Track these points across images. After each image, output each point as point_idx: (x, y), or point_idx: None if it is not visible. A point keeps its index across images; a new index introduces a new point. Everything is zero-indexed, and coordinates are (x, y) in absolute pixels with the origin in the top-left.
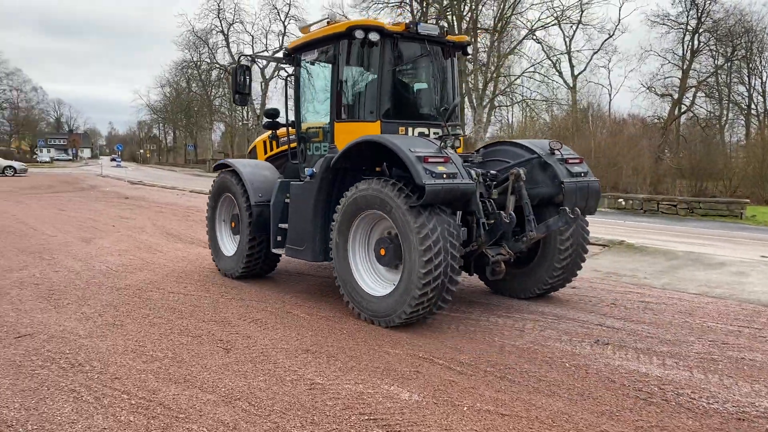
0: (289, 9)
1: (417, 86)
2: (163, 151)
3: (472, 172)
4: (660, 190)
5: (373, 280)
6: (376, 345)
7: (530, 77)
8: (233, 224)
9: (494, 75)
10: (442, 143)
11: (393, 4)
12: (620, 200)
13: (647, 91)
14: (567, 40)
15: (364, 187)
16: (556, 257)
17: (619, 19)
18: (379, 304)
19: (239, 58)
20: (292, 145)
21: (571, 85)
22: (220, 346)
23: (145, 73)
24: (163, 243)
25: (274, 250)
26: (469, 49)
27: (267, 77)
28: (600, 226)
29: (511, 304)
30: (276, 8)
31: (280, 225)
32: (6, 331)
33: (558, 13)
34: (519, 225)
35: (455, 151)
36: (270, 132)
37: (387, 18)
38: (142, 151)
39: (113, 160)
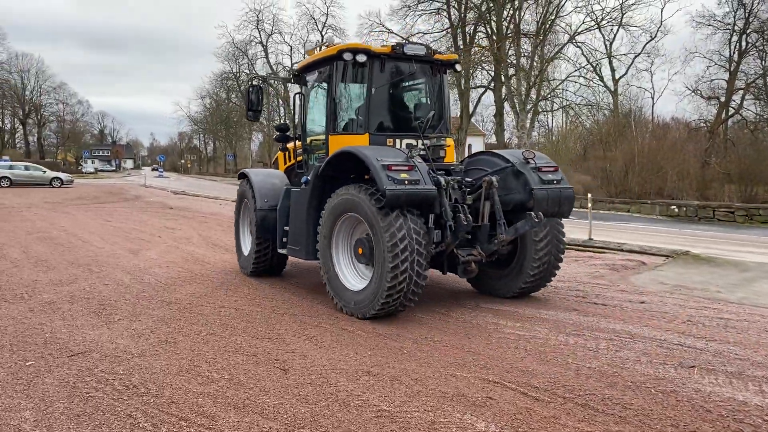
0: (327, 19)
1: (405, 101)
2: (203, 161)
3: (442, 180)
4: (707, 196)
5: (353, 276)
6: (441, 367)
7: (575, 81)
8: (250, 226)
9: (537, 80)
10: (410, 153)
11: (431, 11)
12: (672, 207)
13: (692, 94)
14: (607, 43)
15: (343, 193)
16: (531, 259)
17: (662, 21)
18: (356, 297)
19: (251, 79)
20: (299, 157)
21: (612, 89)
22: (277, 366)
23: (185, 85)
24: (210, 254)
25: (280, 251)
26: (458, 67)
27: None
28: (655, 235)
29: (579, 322)
30: (314, 18)
31: (285, 228)
32: (59, 348)
33: (598, 17)
34: (494, 228)
35: (442, 160)
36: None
37: (425, 25)
38: (182, 161)
39: (155, 170)
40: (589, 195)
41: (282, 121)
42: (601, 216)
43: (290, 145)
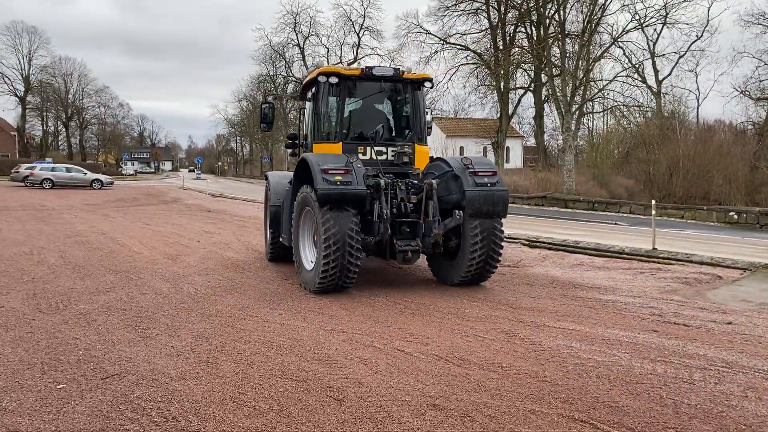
0: (364, 20)
1: (375, 115)
2: (239, 163)
3: (382, 182)
4: (757, 201)
5: (311, 259)
6: (515, 400)
7: (624, 81)
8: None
9: (583, 81)
10: (350, 159)
11: (469, 12)
12: (731, 214)
13: (740, 95)
14: (651, 43)
15: (302, 191)
16: (468, 253)
17: (708, 20)
18: (307, 276)
19: (265, 96)
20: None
21: (656, 90)
22: (330, 396)
23: (223, 89)
24: (251, 261)
25: (281, 240)
26: (428, 84)
27: None
28: (719, 244)
29: (662, 345)
30: (351, 20)
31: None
32: (93, 369)
33: (642, 16)
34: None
35: (406, 165)
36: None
37: (463, 26)
38: (219, 163)
39: (192, 171)
40: (654, 201)
41: (291, 131)
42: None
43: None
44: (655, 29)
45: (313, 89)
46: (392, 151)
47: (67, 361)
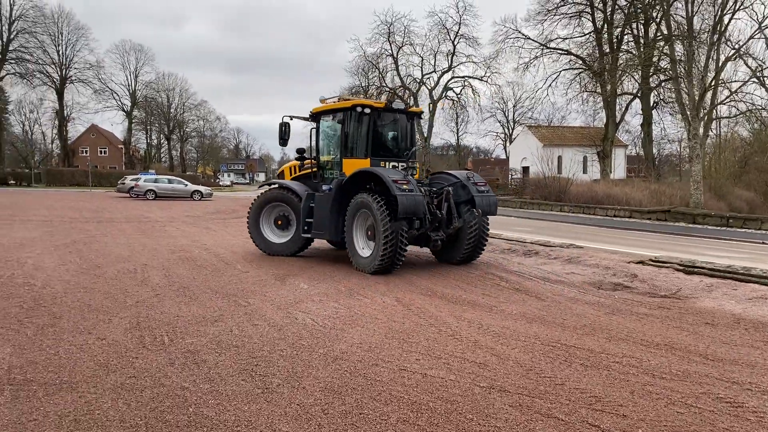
0: (459, 28)
1: (390, 137)
2: None
3: (422, 189)
4: None
5: (364, 248)
6: None
7: (759, 83)
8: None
9: (713, 83)
10: (406, 173)
11: (571, 15)
12: None
13: None
14: None
15: (360, 197)
16: (465, 239)
17: None
18: (363, 261)
19: (283, 117)
20: (304, 171)
21: None
22: None
23: (314, 102)
24: (362, 283)
25: (303, 235)
26: (421, 116)
27: (435, 98)
28: None
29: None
30: (446, 28)
31: (307, 219)
32: None
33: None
34: (449, 219)
35: (413, 177)
36: (294, 161)
37: (565, 30)
38: None
39: None
40: None
41: (300, 147)
42: None
43: (291, 163)
44: None
45: (343, 115)
46: (402, 165)
47: (175, 423)
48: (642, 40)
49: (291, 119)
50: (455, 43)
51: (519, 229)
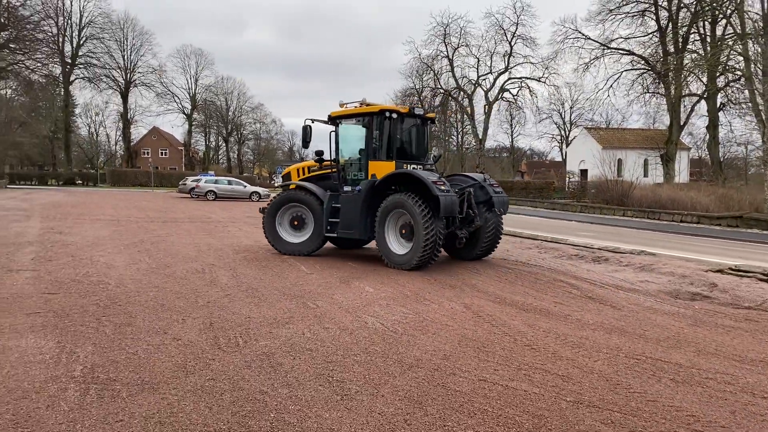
0: (516, 28)
1: (409, 141)
2: None
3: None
4: None
5: (397, 246)
6: None
7: None
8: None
9: None
10: (441, 174)
11: (634, 14)
12: None
13: None
14: None
15: (394, 197)
16: (483, 237)
17: None
18: (400, 258)
19: (305, 121)
20: (314, 172)
21: None
22: None
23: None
24: (428, 288)
25: (326, 234)
26: (434, 121)
27: (491, 99)
28: None
29: None
30: (503, 28)
31: (330, 219)
32: None
33: None
34: (470, 218)
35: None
36: (302, 162)
37: (627, 30)
38: None
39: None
40: None
41: (318, 149)
42: None
43: (298, 165)
44: None
45: (368, 120)
46: (420, 167)
47: (258, 430)
48: (709, 39)
49: (312, 122)
50: (512, 43)
51: (582, 233)
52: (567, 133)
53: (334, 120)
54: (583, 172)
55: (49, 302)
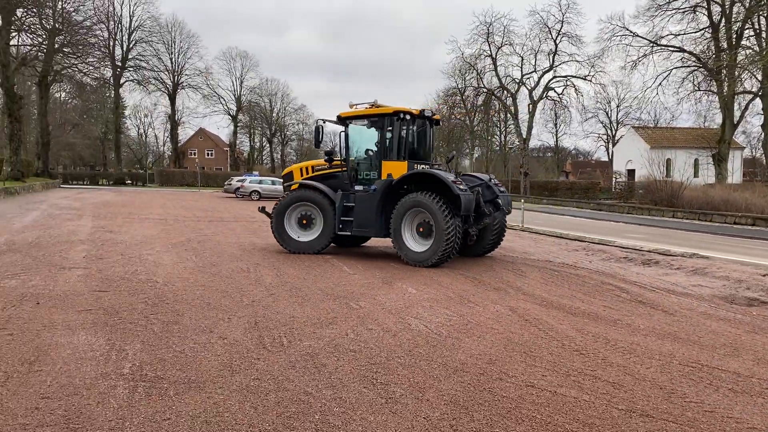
0: (561, 26)
1: (418, 141)
2: None
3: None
4: None
5: (414, 244)
6: None
7: None
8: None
9: None
10: (457, 174)
11: (685, 10)
12: None
13: None
14: None
15: (413, 196)
16: (490, 234)
17: None
18: (417, 255)
19: (317, 121)
20: (317, 172)
21: None
22: None
23: (410, 104)
24: (471, 290)
25: (338, 232)
26: (438, 124)
27: (535, 98)
28: None
29: None
30: (547, 26)
31: (343, 218)
32: None
33: None
34: (479, 215)
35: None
36: (306, 162)
37: (677, 26)
38: None
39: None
40: None
41: (329, 149)
42: None
43: (301, 164)
44: None
45: (381, 121)
46: (428, 166)
47: (302, 431)
48: (764, 35)
49: (324, 122)
50: (557, 41)
51: (630, 235)
52: (613, 132)
53: (343, 120)
54: (630, 173)
55: (99, 300)
